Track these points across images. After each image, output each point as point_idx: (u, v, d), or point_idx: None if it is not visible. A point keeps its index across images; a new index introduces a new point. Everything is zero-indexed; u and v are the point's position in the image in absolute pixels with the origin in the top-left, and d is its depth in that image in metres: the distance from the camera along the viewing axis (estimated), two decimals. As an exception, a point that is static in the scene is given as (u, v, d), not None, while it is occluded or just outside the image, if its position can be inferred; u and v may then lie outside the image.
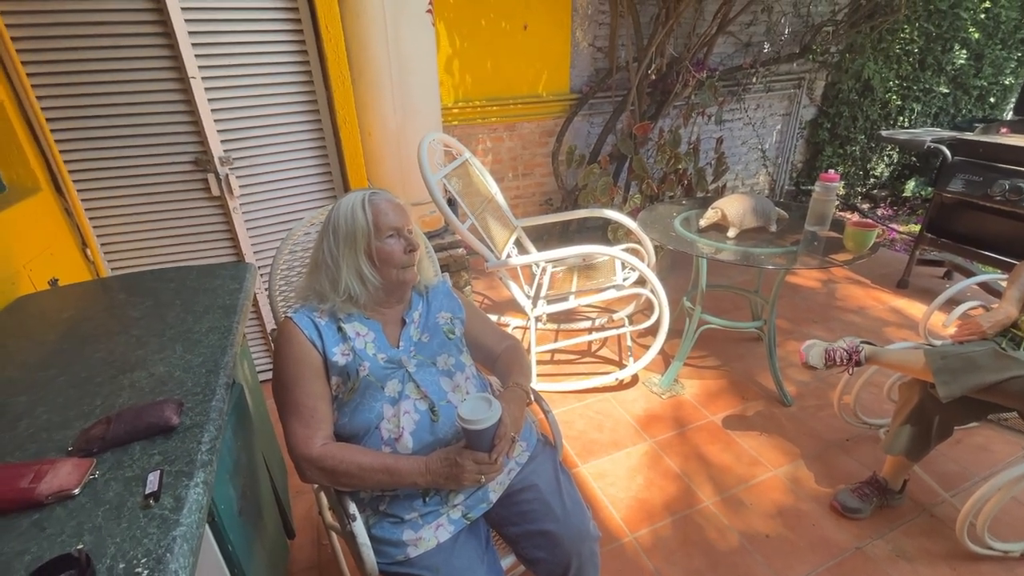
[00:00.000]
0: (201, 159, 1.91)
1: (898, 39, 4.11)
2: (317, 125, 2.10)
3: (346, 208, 1.04)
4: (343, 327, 1.04)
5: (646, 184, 3.27)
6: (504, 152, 3.60)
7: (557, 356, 2.56)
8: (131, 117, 1.79)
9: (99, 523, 0.68)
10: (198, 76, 1.79)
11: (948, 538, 1.55)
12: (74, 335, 1.16)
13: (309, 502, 1.76)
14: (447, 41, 3.11)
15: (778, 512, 1.68)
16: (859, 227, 1.83)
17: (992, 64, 4.22)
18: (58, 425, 0.86)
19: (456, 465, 0.94)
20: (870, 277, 3.23)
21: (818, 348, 1.61)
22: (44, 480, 0.71)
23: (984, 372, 1.31)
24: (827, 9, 3.98)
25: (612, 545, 1.59)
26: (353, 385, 1.01)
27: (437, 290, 1.21)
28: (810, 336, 2.60)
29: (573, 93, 3.60)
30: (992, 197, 2.54)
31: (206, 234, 2.03)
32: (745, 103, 4.15)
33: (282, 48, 1.93)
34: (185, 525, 0.67)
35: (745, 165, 4.52)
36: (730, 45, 3.87)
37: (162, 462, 0.77)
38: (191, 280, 1.38)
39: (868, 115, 4.33)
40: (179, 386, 0.95)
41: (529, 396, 1.14)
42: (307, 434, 0.97)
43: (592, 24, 3.49)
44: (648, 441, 1.99)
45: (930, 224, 2.94)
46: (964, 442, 1.90)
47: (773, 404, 2.17)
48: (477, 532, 1.05)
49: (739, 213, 1.99)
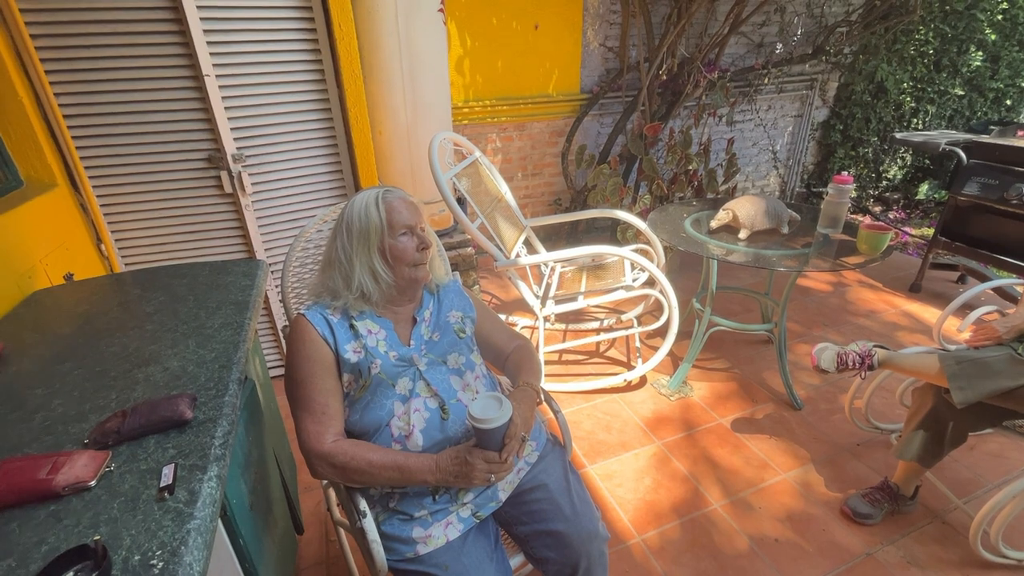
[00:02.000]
0: (214, 156, 1.92)
1: (913, 40, 4.06)
2: (329, 123, 2.11)
3: (360, 205, 1.04)
4: (355, 324, 1.04)
5: (656, 185, 3.25)
6: (514, 151, 3.60)
7: (565, 356, 2.56)
8: (146, 115, 1.81)
9: (115, 515, 0.69)
10: (212, 74, 1.81)
11: (961, 546, 1.53)
12: (89, 329, 1.17)
13: (317, 498, 1.77)
14: (458, 40, 3.12)
15: (788, 516, 1.67)
16: (872, 230, 1.82)
17: (1009, 66, 4.16)
18: (74, 418, 0.87)
19: (466, 464, 0.94)
20: (882, 280, 3.19)
21: (830, 351, 1.59)
22: (61, 472, 0.72)
23: (1000, 378, 1.29)
24: (841, 10, 3.94)
25: (620, 546, 1.58)
26: (364, 382, 1.02)
27: (448, 289, 1.21)
28: (821, 339, 2.57)
29: (583, 93, 3.60)
30: (1008, 201, 2.51)
31: (218, 231, 2.05)
32: (756, 104, 4.12)
33: (295, 47, 1.95)
34: (199, 519, 0.67)
35: (756, 166, 4.49)
36: (742, 46, 3.85)
37: (176, 456, 0.78)
38: (204, 276, 1.39)
39: (881, 117, 4.29)
40: (192, 381, 0.95)
41: (539, 395, 1.14)
42: (318, 430, 0.98)
43: (603, 24, 3.48)
44: (656, 443, 1.98)
45: (944, 227, 2.91)
46: (978, 448, 1.88)
47: (783, 407, 2.15)
48: (486, 531, 1.05)
49: (751, 215, 1.98)
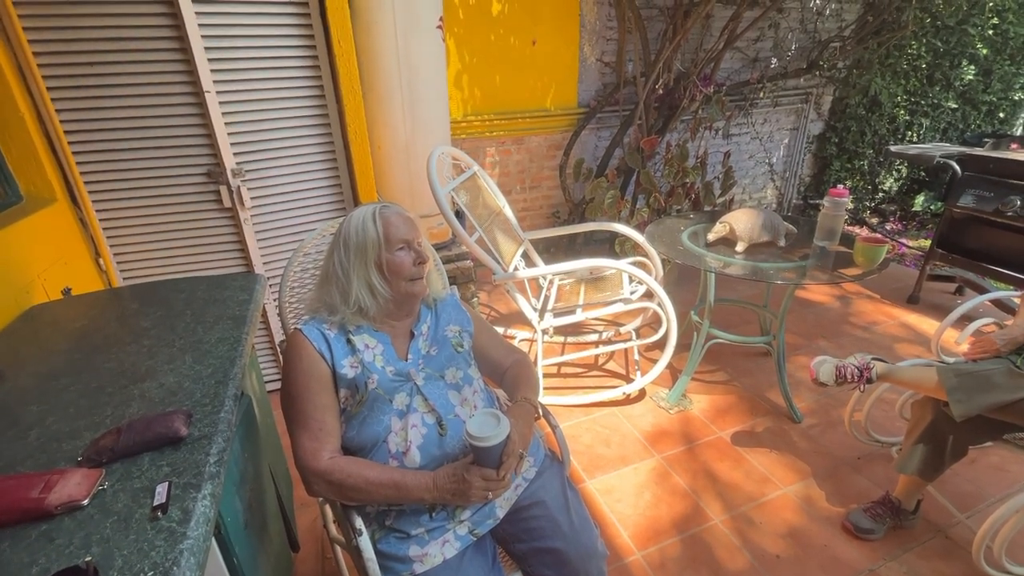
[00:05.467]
0: (214, 171, 1.93)
1: (905, 55, 4.12)
2: (328, 138, 2.12)
3: (357, 221, 1.04)
4: (352, 339, 1.04)
5: (653, 197, 3.27)
6: (512, 165, 3.62)
7: (564, 369, 2.55)
8: (146, 130, 1.82)
9: (107, 535, 0.68)
10: (212, 90, 1.82)
11: (964, 561, 1.51)
12: (86, 344, 1.17)
13: (314, 514, 1.75)
14: (456, 56, 3.15)
15: (789, 532, 1.65)
16: (869, 242, 1.82)
17: (1001, 79, 4.22)
18: (68, 435, 0.87)
19: (463, 481, 0.93)
20: (880, 292, 3.20)
21: (828, 364, 1.59)
22: (54, 490, 0.71)
23: (999, 391, 1.28)
24: (834, 25, 4.00)
25: (619, 563, 1.56)
26: (361, 398, 1.01)
27: (446, 303, 1.21)
28: (820, 351, 2.57)
29: (581, 107, 3.63)
30: (1003, 213, 2.52)
31: (217, 245, 2.05)
32: (752, 117, 4.16)
33: (295, 63, 1.97)
34: (192, 538, 0.67)
35: (752, 179, 4.52)
36: (737, 60, 3.90)
37: (170, 473, 0.77)
38: (201, 291, 1.39)
39: (876, 130, 4.33)
40: (188, 396, 0.95)
41: (538, 410, 1.13)
42: (315, 447, 0.97)
43: (600, 39, 3.52)
44: (656, 457, 1.97)
45: (941, 239, 2.92)
46: (979, 462, 1.87)
47: (783, 420, 2.14)
48: (484, 549, 1.04)
49: (748, 227, 1.99)
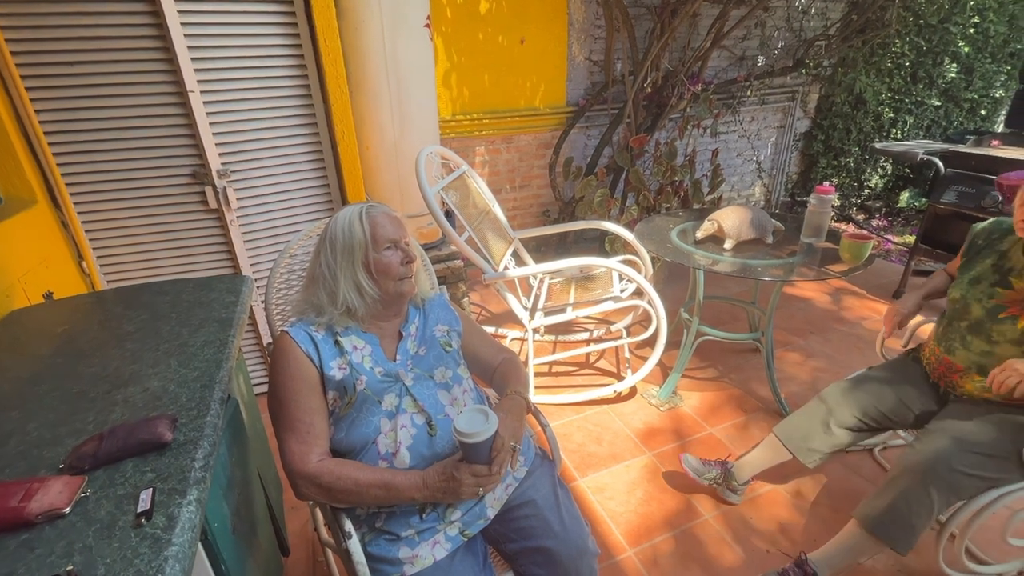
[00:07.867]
0: (199, 172, 1.91)
1: (889, 53, 4.17)
2: (315, 138, 2.11)
3: (343, 221, 1.04)
4: (340, 341, 1.03)
5: (643, 196, 3.28)
6: (502, 164, 3.61)
7: (555, 368, 2.55)
8: (129, 130, 1.79)
9: (89, 543, 0.66)
10: (197, 90, 1.80)
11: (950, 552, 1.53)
12: (68, 349, 1.14)
13: (304, 518, 1.74)
14: (445, 55, 3.14)
15: (779, 527, 1.66)
16: (855, 239, 1.84)
17: (982, 77, 4.28)
18: (49, 442, 0.85)
19: (453, 479, 0.93)
20: (867, 288, 3.24)
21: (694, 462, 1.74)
22: (34, 499, 0.70)
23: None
24: (819, 24, 4.04)
25: (611, 561, 1.57)
26: (350, 399, 1.01)
27: (434, 303, 1.20)
28: (808, 348, 2.61)
29: (570, 106, 3.63)
30: (985, 209, 2.56)
31: (203, 246, 2.03)
32: (740, 116, 4.19)
33: (281, 63, 1.95)
34: (177, 545, 0.66)
35: (741, 177, 4.56)
36: (724, 59, 3.92)
37: (155, 479, 0.76)
38: (187, 293, 1.37)
39: (861, 127, 4.38)
40: (173, 401, 0.93)
41: (529, 404, 1.13)
42: (303, 450, 0.96)
43: (588, 38, 3.53)
44: (647, 454, 1.98)
45: (925, 235, 2.97)
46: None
47: (772, 416, 2.16)
48: (475, 549, 1.03)
49: (736, 225, 2.00)
